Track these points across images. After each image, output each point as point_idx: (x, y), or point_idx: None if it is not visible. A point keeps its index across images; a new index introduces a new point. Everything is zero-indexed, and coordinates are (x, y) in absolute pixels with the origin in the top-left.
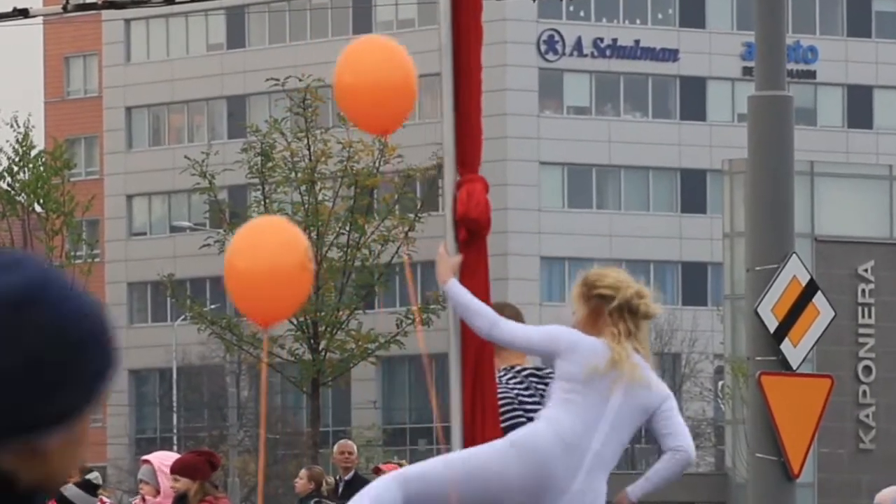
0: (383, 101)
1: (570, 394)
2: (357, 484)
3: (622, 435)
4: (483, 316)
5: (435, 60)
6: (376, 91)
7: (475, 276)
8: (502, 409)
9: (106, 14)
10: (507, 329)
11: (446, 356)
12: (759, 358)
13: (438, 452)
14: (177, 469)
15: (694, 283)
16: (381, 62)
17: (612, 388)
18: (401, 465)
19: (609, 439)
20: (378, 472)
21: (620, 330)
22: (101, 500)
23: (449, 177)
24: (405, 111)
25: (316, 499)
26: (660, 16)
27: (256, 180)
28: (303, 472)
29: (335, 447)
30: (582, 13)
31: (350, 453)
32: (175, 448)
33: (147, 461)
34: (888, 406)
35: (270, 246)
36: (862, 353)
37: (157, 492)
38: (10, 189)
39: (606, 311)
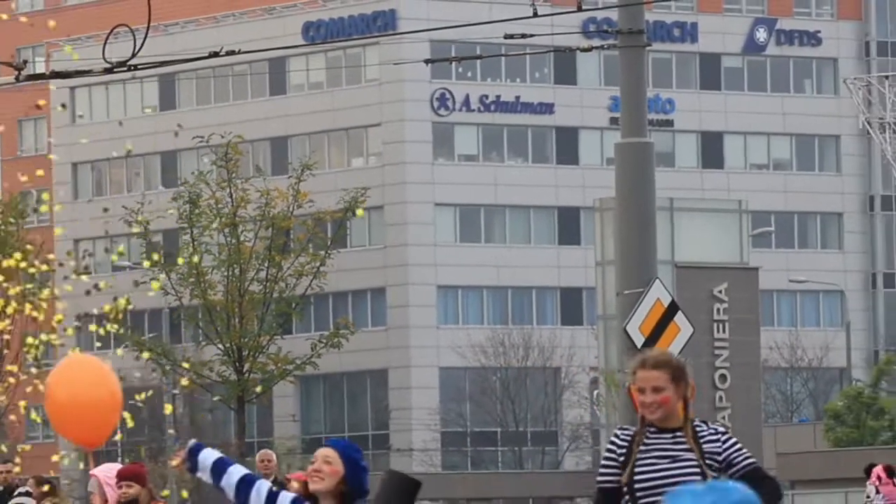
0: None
1: None
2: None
3: None
4: None
5: (341, 116)
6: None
7: None
8: None
9: (54, 83)
10: None
11: (356, 374)
12: (628, 370)
13: None
14: (130, 476)
15: (571, 305)
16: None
17: None
18: None
19: None
20: (288, 481)
21: None
22: None
23: None
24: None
25: None
26: (537, 74)
27: (186, 225)
28: None
29: (257, 456)
30: (469, 74)
31: (269, 461)
32: (119, 459)
33: (94, 475)
34: (741, 410)
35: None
36: (718, 364)
37: (105, 501)
38: None
39: None
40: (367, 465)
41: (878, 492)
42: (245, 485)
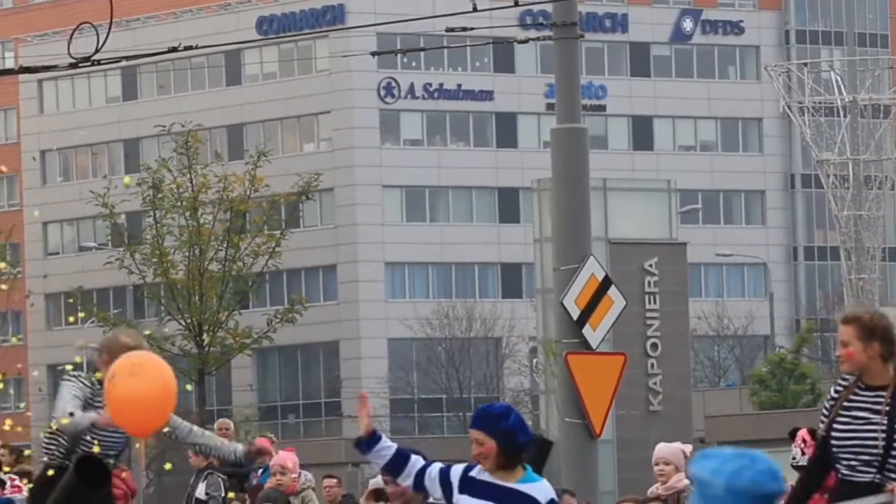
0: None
1: None
2: None
3: None
4: None
5: (294, 105)
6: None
7: None
8: None
9: (22, 77)
10: None
11: (310, 346)
12: (565, 340)
13: (305, 426)
14: None
15: (511, 280)
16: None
17: None
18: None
19: None
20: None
21: None
22: (10, 479)
23: None
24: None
25: (209, 471)
26: (477, 64)
27: (149, 208)
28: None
29: (215, 424)
30: (414, 63)
31: (226, 429)
32: None
33: None
34: (671, 375)
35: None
36: (649, 333)
37: None
38: None
39: None
40: (512, 423)
41: (803, 454)
42: (420, 474)
